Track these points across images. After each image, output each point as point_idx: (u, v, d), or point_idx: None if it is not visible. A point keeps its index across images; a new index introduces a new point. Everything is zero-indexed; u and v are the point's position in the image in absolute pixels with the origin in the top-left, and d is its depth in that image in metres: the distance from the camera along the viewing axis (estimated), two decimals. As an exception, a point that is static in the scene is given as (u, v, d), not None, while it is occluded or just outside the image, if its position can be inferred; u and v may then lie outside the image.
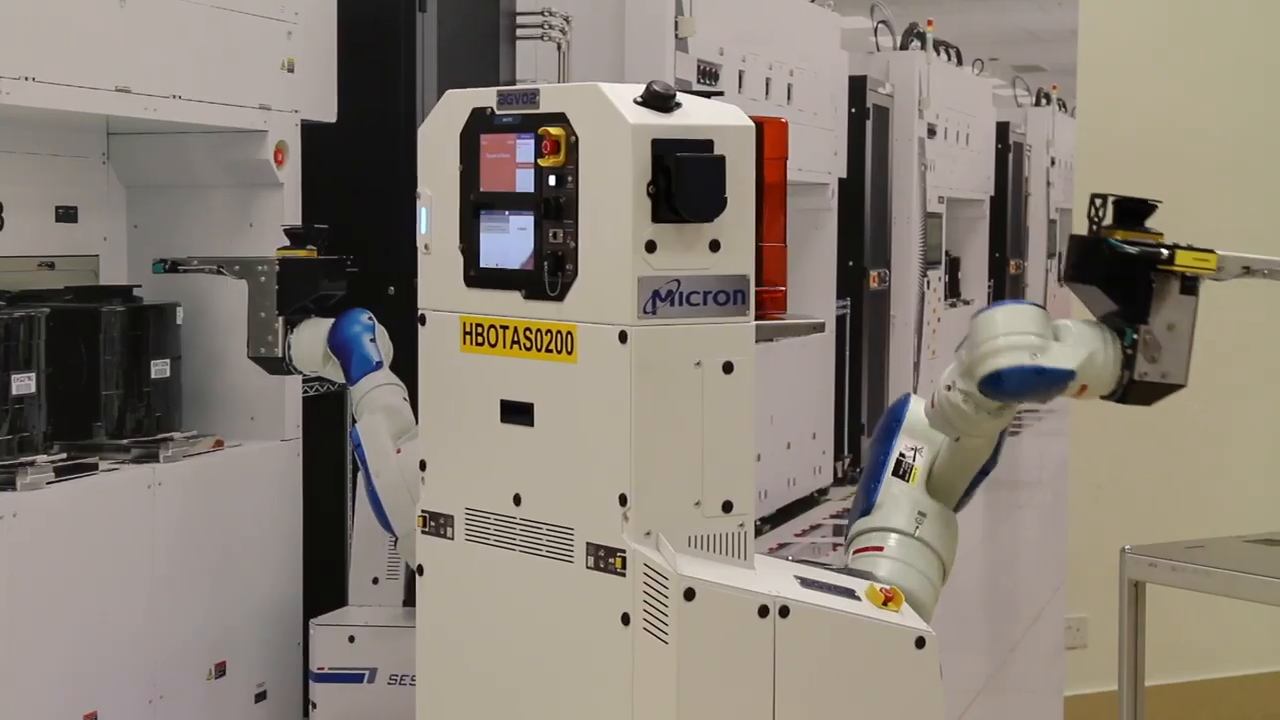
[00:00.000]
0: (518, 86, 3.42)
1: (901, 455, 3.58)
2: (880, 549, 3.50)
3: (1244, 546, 4.02)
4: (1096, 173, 5.67)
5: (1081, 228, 3.52)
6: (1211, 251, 3.45)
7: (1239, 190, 6.13)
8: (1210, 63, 6.06)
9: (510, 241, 3.36)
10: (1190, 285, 3.44)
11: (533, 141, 3.29)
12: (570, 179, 3.24)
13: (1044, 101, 5.55)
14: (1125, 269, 3.43)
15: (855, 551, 3.52)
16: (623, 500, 3.19)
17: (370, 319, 3.96)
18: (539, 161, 3.27)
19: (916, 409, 3.60)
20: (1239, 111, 6.11)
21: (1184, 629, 5.67)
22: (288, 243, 4.05)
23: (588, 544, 3.26)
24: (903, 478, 3.55)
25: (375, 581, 4.36)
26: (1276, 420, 6.24)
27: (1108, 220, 3.48)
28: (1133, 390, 3.41)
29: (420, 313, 3.56)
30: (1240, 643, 6.13)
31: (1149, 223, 3.53)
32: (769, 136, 3.37)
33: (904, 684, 3.34)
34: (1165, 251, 3.44)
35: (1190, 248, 3.46)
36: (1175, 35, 6.03)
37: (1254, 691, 6.18)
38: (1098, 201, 3.47)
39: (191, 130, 4.24)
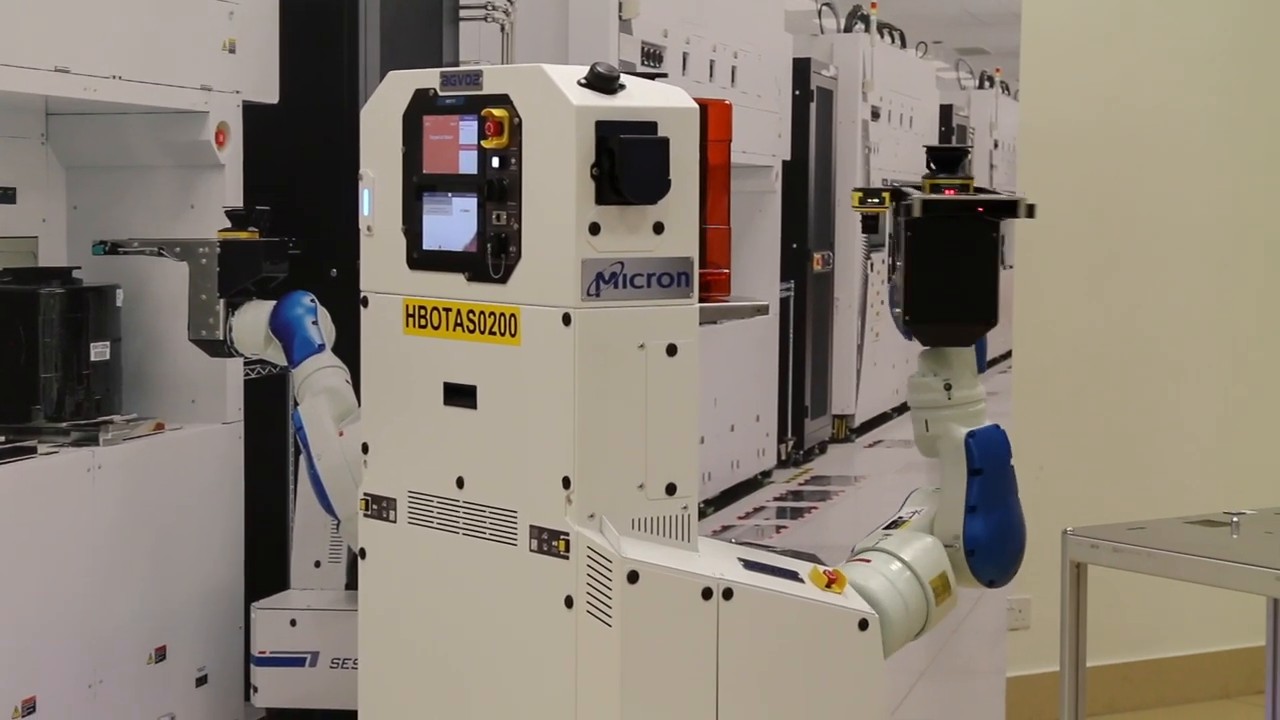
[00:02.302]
0: (461, 68, 3.41)
1: (900, 517, 3.69)
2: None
3: (1184, 528, 4.04)
4: (1039, 155, 5.70)
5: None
6: (855, 190, 3.67)
7: (1180, 172, 6.16)
8: (1152, 46, 6.09)
9: (453, 223, 3.35)
10: (868, 224, 3.66)
11: (476, 123, 3.27)
12: (513, 161, 3.23)
13: (987, 84, 5.55)
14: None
15: None
16: (566, 483, 3.18)
17: (312, 301, 3.95)
18: (482, 143, 3.26)
19: (919, 493, 3.75)
20: (1180, 95, 6.13)
21: (1125, 610, 5.70)
22: (229, 224, 4.03)
23: (531, 527, 3.25)
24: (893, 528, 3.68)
25: (317, 565, 4.35)
26: (1216, 403, 6.27)
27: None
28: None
29: (363, 295, 3.55)
30: (1181, 624, 6.17)
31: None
32: (713, 119, 3.37)
33: (847, 665, 3.35)
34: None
35: (875, 190, 3.65)
36: (1117, 19, 6.05)
37: (1194, 672, 6.22)
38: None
39: (132, 111, 4.20)
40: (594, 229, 3.16)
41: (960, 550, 3.62)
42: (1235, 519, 4.05)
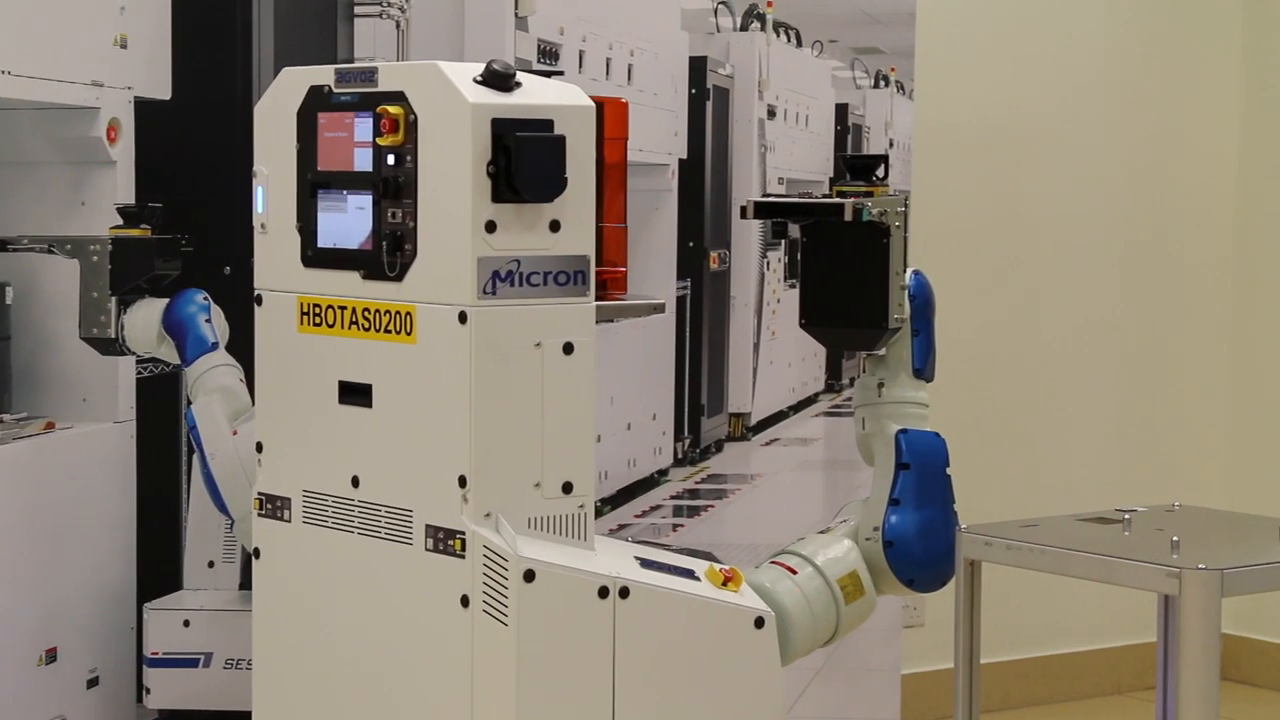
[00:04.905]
0: (356, 65, 3.39)
1: (829, 528, 3.73)
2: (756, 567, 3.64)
3: (1077, 525, 4.06)
4: (934, 155, 5.72)
5: (918, 207, 3.64)
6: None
7: (1075, 173, 6.20)
8: (1047, 47, 6.13)
9: (348, 221, 3.33)
10: (779, 229, 3.77)
11: (371, 120, 3.26)
12: (409, 158, 3.22)
13: (883, 84, 5.57)
14: None
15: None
16: (462, 482, 3.17)
17: (206, 299, 3.92)
18: (377, 140, 3.24)
19: (851, 504, 3.77)
20: (1075, 95, 6.18)
21: (1019, 607, 5.74)
22: (121, 221, 4.00)
23: (427, 526, 3.24)
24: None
25: (211, 565, 4.32)
26: (1108, 401, 6.32)
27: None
28: None
29: (257, 293, 3.52)
30: (1074, 620, 6.22)
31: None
32: (609, 117, 3.37)
33: (743, 663, 3.35)
34: None
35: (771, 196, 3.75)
36: (1013, 19, 6.09)
37: (1087, 668, 6.27)
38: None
39: (21, 107, 4.16)
40: (490, 227, 3.15)
41: (879, 542, 3.64)
42: (1127, 516, 4.08)
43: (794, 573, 3.58)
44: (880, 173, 3.66)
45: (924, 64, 5.49)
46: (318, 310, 3.40)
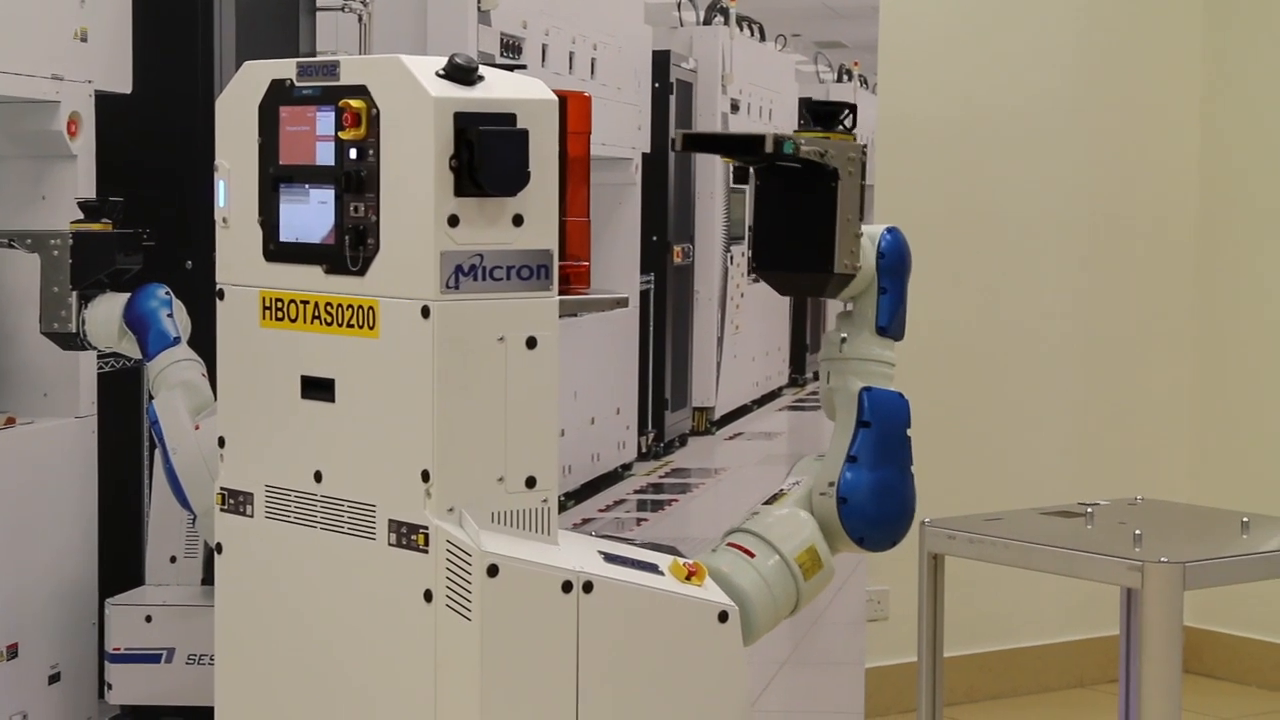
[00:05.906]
0: (318, 58, 3.38)
1: (781, 490, 3.65)
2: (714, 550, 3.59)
3: (1040, 519, 4.08)
4: (897, 148, 5.73)
5: (881, 200, 3.61)
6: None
7: (1036, 167, 6.22)
8: (1009, 41, 6.14)
9: (311, 215, 3.32)
10: (740, 175, 3.72)
11: (333, 114, 3.25)
12: (371, 152, 3.21)
13: (846, 78, 5.58)
14: None
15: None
16: (425, 476, 3.16)
17: (167, 294, 3.90)
18: (339, 134, 3.23)
19: (805, 461, 3.70)
20: (1038, 89, 6.20)
21: (982, 600, 5.75)
22: (81, 216, 3.98)
23: (390, 521, 3.23)
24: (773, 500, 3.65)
25: (173, 560, 4.30)
26: (1071, 395, 6.34)
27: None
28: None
29: (218, 287, 3.51)
30: (1037, 613, 6.24)
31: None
32: (572, 111, 3.36)
33: (707, 657, 3.35)
34: None
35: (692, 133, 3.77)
36: (975, 13, 6.10)
37: (1050, 661, 6.29)
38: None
39: (-19, 100, 4.14)
40: (453, 221, 3.14)
41: (833, 498, 3.59)
42: (1089, 509, 4.09)
43: (751, 555, 3.54)
44: (848, 123, 3.60)
45: (887, 58, 5.50)
46: (280, 305, 3.39)
